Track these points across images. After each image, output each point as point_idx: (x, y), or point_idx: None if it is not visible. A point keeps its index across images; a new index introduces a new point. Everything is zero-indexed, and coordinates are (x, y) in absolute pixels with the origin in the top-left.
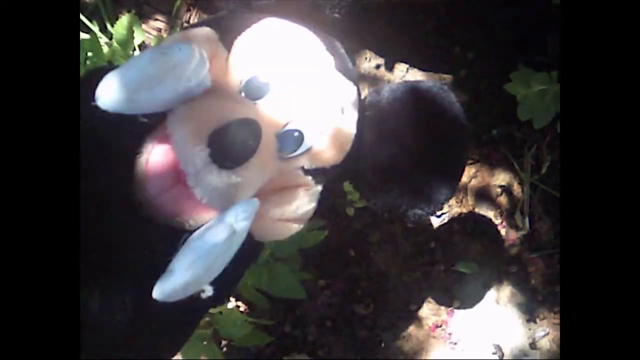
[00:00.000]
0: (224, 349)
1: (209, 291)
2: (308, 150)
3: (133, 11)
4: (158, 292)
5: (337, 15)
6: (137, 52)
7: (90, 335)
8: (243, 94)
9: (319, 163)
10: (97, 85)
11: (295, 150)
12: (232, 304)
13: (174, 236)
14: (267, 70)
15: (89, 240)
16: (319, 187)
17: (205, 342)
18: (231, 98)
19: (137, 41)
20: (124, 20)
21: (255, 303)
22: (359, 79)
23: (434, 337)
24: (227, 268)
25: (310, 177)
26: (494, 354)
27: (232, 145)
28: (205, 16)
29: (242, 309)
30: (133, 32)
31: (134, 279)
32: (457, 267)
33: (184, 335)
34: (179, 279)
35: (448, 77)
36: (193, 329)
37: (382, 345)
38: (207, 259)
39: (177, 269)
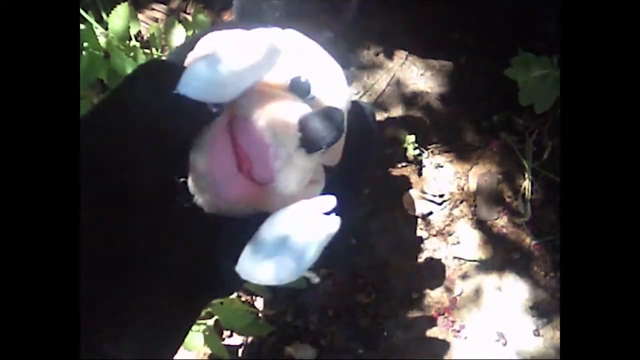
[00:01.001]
0: (226, 339)
1: (315, 277)
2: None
3: (129, 1)
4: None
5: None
6: (133, 42)
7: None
8: (290, 92)
9: (327, 161)
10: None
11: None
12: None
13: (217, 227)
14: (306, 72)
15: (136, 228)
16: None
17: (207, 333)
18: (283, 93)
19: (133, 31)
20: (119, 10)
21: (256, 293)
22: (359, 67)
23: (437, 325)
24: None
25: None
26: (497, 341)
27: (321, 130)
28: (201, 6)
29: (243, 299)
30: (129, 22)
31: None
32: (459, 254)
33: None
34: (304, 262)
35: (447, 64)
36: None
37: (385, 334)
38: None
39: (302, 251)
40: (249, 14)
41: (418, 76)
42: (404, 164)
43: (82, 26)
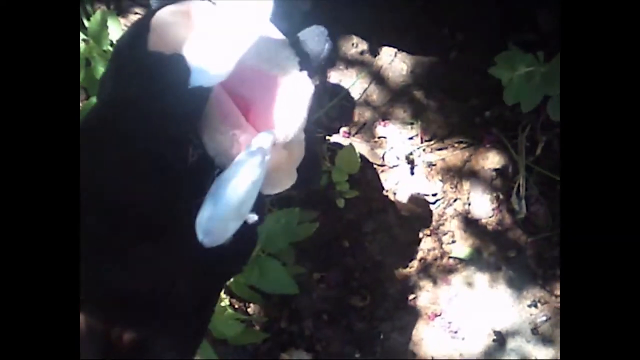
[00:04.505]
0: (220, 347)
1: (253, 217)
2: None
3: (112, 6)
4: (204, 227)
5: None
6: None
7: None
8: None
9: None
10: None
11: None
12: (225, 301)
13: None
14: None
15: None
16: None
17: None
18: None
19: (114, 36)
20: (97, 15)
21: (249, 300)
22: (346, 65)
23: (433, 326)
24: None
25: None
26: (494, 340)
27: (316, 44)
28: None
29: (236, 305)
30: (107, 27)
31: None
32: (454, 254)
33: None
34: (224, 208)
35: (438, 60)
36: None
37: (381, 337)
38: (248, 184)
39: (218, 199)
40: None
41: (408, 73)
42: (395, 163)
43: None
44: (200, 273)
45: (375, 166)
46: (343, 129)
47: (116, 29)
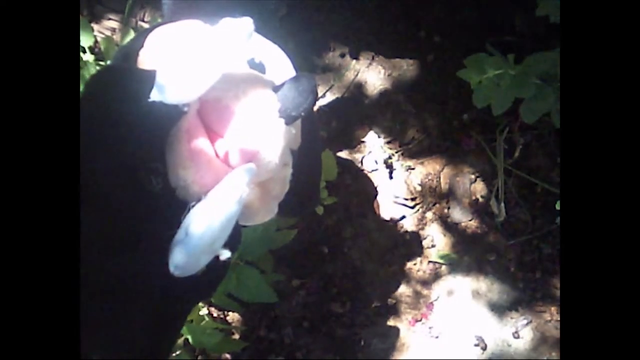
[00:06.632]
0: (199, 357)
1: (226, 254)
2: None
3: (85, 12)
4: (176, 261)
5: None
6: (87, 55)
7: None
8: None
9: (292, 143)
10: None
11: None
12: (203, 310)
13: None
14: (256, 54)
15: (118, 223)
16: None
17: (178, 352)
18: (248, 71)
19: (86, 43)
20: None
21: (228, 308)
22: (323, 69)
23: (414, 331)
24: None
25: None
26: (476, 345)
27: (298, 96)
28: (158, 14)
29: (215, 314)
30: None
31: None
32: (434, 258)
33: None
34: (197, 242)
35: (415, 63)
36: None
37: (362, 343)
38: (222, 220)
39: (192, 233)
40: (180, 11)
41: (385, 77)
42: (373, 167)
43: None
44: (165, 298)
45: (353, 171)
46: (321, 134)
47: (87, 37)
